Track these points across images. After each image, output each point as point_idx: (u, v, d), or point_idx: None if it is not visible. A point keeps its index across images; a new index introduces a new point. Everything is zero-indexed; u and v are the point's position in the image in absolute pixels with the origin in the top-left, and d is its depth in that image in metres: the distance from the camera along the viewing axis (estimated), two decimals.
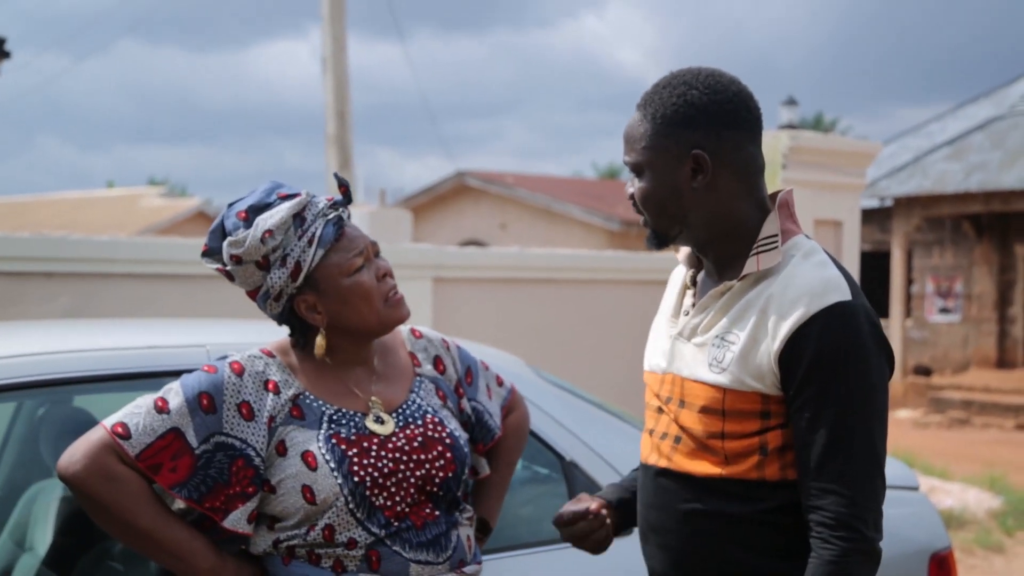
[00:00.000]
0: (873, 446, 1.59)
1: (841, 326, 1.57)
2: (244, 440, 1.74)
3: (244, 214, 1.80)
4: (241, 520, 1.73)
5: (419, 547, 1.77)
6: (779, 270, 1.64)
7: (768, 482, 1.64)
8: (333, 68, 9.56)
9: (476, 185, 18.57)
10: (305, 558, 1.75)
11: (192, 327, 2.77)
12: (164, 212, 20.41)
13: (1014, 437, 12.46)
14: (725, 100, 1.66)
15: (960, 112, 18.54)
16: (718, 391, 1.64)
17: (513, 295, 5.92)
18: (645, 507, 1.78)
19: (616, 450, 2.50)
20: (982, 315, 16.15)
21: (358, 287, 1.81)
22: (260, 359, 1.82)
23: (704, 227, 1.70)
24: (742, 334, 1.63)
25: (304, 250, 1.79)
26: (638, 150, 1.69)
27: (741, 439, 1.64)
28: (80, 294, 4.61)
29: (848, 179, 6.54)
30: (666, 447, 1.73)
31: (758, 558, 1.65)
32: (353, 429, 1.79)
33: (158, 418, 1.72)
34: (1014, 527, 7.23)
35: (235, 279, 1.83)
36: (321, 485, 1.72)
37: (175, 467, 1.71)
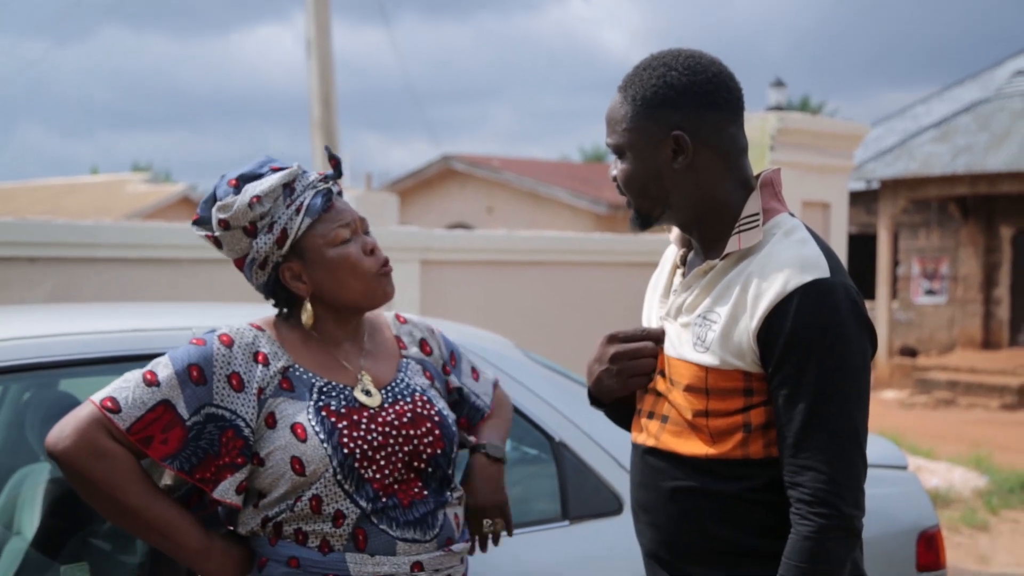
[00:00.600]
0: (852, 423, 1.59)
1: (818, 303, 1.58)
2: (234, 411, 1.74)
3: (235, 181, 1.82)
4: (230, 491, 1.74)
5: (406, 525, 1.77)
6: (760, 248, 1.66)
7: (753, 460, 1.65)
8: (318, 53, 9.50)
9: (462, 169, 18.53)
10: (292, 537, 1.75)
11: (177, 310, 2.75)
12: (149, 198, 20.30)
13: (999, 417, 12.55)
14: (704, 81, 1.67)
15: (946, 94, 18.58)
16: (701, 370, 1.66)
17: (501, 277, 5.91)
18: (635, 486, 1.80)
19: (605, 430, 2.49)
20: (968, 296, 16.23)
21: (344, 258, 1.82)
22: (249, 331, 1.82)
23: (686, 208, 1.71)
24: (723, 312, 1.64)
25: (291, 218, 1.80)
26: (619, 132, 1.71)
27: (725, 417, 1.65)
28: (64, 279, 4.58)
29: (836, 161, 6.55)
30: (654, 427, 1.74)
31: (745, 536, 1.66)
32: (343, 401, 1.79)
33: (148, 391, 1.72)
34: (999, 506, 7.29)
35: (223, 246, 1.84)
36: (310, 456, 1.72)
37: (166, 439, 1.71)
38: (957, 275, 16.41)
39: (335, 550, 1.74)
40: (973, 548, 6.43)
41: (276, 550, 1.75)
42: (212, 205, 1.85)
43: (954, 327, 16.42)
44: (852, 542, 1.59)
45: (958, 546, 6.42)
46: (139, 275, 4.83)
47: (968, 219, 16.22)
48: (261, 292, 1.88)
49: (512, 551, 2.23)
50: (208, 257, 5.17)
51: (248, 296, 4.91)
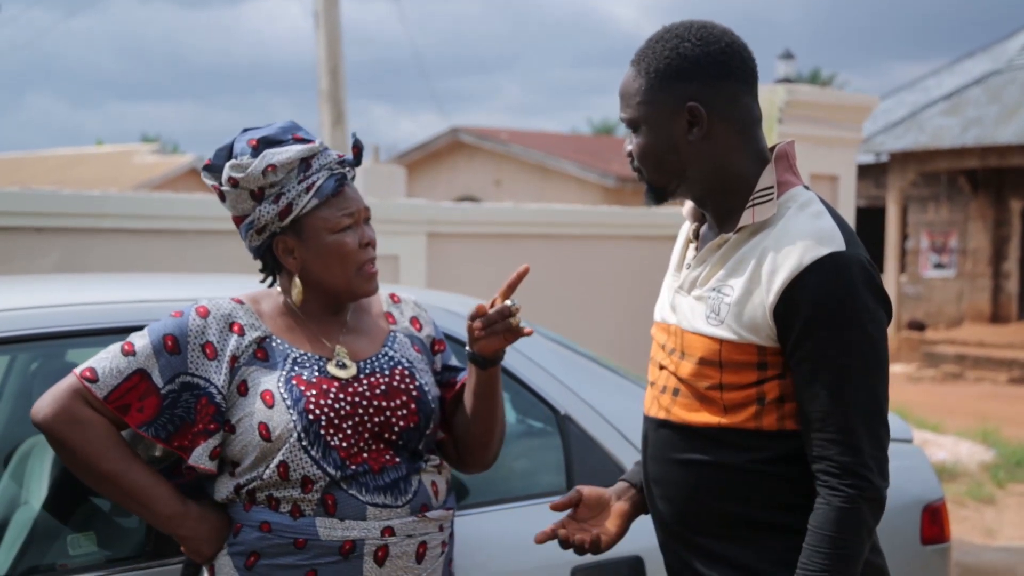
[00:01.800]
0: (875, 395, 1.60)
1: (835, 277, 1.57)
2: (207, 379, 1.79)
3: (255, 143, 1.83)
4: (203, 456, 1.79)
5: (376, 490, 1.80)
6: (774, 222, 1.65)
7: (765, 432, 1.65)
8: (325, 23, 9.45)
9: (470, 141, 18.47)
10: (265, 503, 1.79)
11: (183, 281, 2.75)
12: (157, 169, 20.30)
13: (1007, 391, 12.54)
14: (718, 51, 1.66)
15: (957, 67, 18.43)
16: (715, 343, 1.65)
17: (508, 250, 5.90)
18: (647, 459, 1.80)
19: (611, 404, 2.50)
20: (976, 270, 16.17)
21: (339, 246, 1.84)
22: (228, 303, 1.87)
23: (702, 181, 1.70)
24: (737, 286, 1.64)
25: (300, 195, 1.82)
26: (633, 106, 1.70)
27: (739, 390, 1.65)
28: (71, 249, 4.58)
29: (845, 133, 6.51)
30: (666, 399, 1.75)
31: (757, 509, 1.66)
32: (316, 371, 1.82)
33: (124, 360, 1.78)
34: (1005, 479, 7.30)
35: (226, 200, 1.86)
36: (276, 421, 1.76)
37: (142, 407, 1.77)
38: (966, 249, 16.35)
39: (305, 515, 1.77)
40: (979, 522, 6.45)
41: (249, 515, 1.80)
42: (226, 157, 1.86)
43: (963, 301, 16.38)
44: (879, 512, 1.60)
45: (964, 520, 6.43)
46: (146, 246, 4.83)
47: (978, 192, 16.14)
48: (251, 253, 1.90)
49: (517, 523, 2.24)
50: (214, 228, 5.16)
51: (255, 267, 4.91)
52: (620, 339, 6.15)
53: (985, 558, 5.74)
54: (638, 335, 6.88)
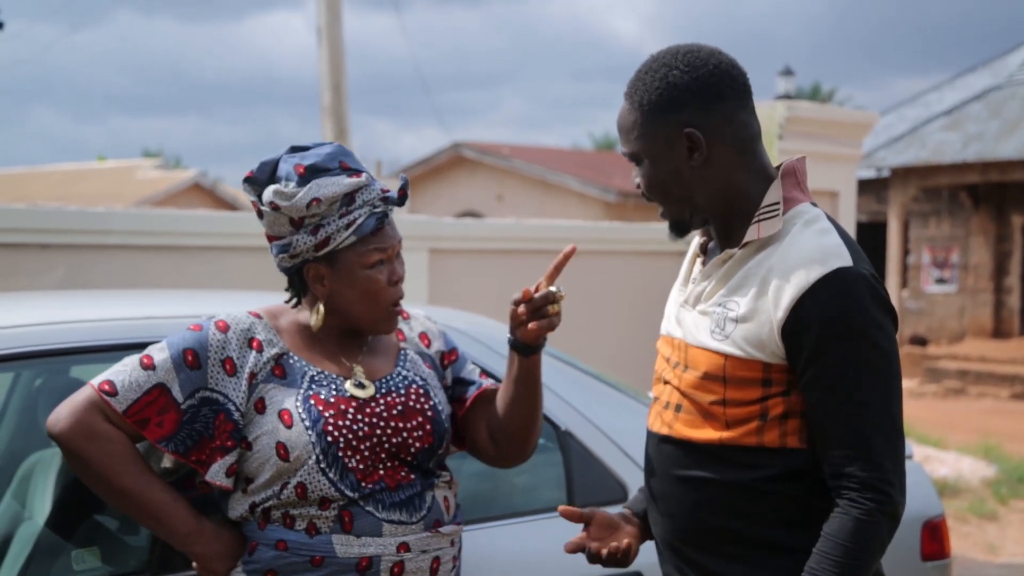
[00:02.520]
0: (891, 409, 1.60)
1: (843, 293, 1.57)
2: (225, 395, 1.79)
3: (303, 170, 1.81)
4: (220, 473, 1.78)
5: (392, 507, 1.80)
6: (780, 238, 1.65)
7: (767, 448, 1.64)
8: (328, 39, 9.49)
9: (472, 156, 18.51)
10: (280, 521, 1.78)
11: (188, 298, 2.77)
12: (160, 184, 20.34)
13: (1009, 406, 12.53)
14: (707, 75, 1.67)
15: (958, 82, 18.47)
16: (720, 357, 1.65)
17: (509, 266, 5.92)
18: (649, 474, 1.80)
19: (612, 420, 2.51)
20: (978, 285, 16.17)
21: (371, 283, 1.84)
22: (247, 318, 1.86)
23: (710, 204, 1.71)
24: (742, 302, 1.64)
25: (340, 231, 1.81)
26: (632, 140, 1.71)
27: (742, 406, 1.64)
28: (75, 265, 4.61)
29: (845, 149, 6.54)
30: (668, 415, 1.75)
31: (759, 528, 1.66)
32: (333, 391, 1.82)
33: (144, 374, 1.77)
34: (1008, 495, 7.28)
35: (263, 219, 1.85)
36: (295, 442, 1.75)
37: (161, 422, 1.76)
38: (968, 264, 16.35)
39: (322, 532, 1.77)
40: (981, 538, 6.43)
41: (264, 534, 1.78)
42: (270, 174, 1.85)
43: (964, 316, 16.37)
44: (895, 528, 1.60)
45: (966, 536, 6.42)
46: (150, 262, 4.85)
47: (979, 207, 16.15)
48: (280, 271, 1.89)
49: (517, 538, 2.25)
50: (218, 245, 5.19)
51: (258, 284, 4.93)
52: (621, 354, 6.16)
53: (987, 575, 5.73)
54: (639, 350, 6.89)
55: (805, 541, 1.61)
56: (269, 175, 1.85)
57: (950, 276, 16.58)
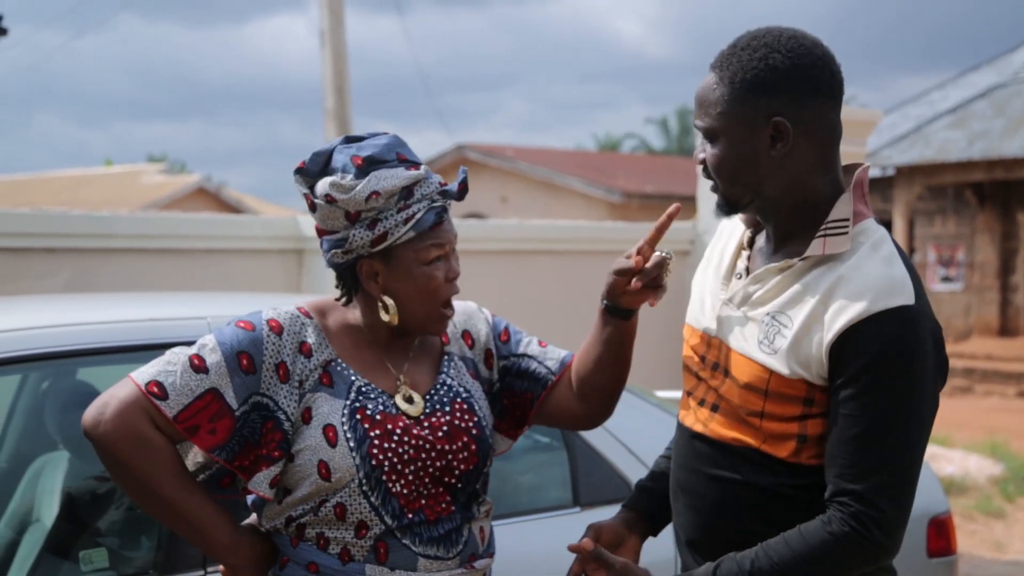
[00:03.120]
0: (909, 453, 1.55)
1: (902, 331, 1.52)
2: (276, 402, 1.68)
3: (361, 161, 1.71)
4: (264, 483, 1.68)
5: (429, 542, 1.72)
6: (845, 258, 1.58)
7: (803, 466, 1.61)
8: (331, 42, 9.50)
9: (476, 158, 18.53)
10: (314, 541, 1.70)
11: (193, 300, 2.78)
12: (164, 189, 20.40)
13: (1015, 404, 12.51)
14: (809, 65, 1.60)
15: (962, 80, 18.45)
16: (764, 371, 1.60)
17: (513, 267, 5.92)
18: (678, 467, 1.76)
19: (617, 418, 2.49)
20: (984, 283, 16.14)
21: (429, 280, 1.74)
22: (298, 319, 1.74)
23: (777, 198, 1.64)
24: (796, 319, 1.58)
25: (398, 226, 1.71)
26: (713, 115, 1.62)
27: (780, 421, 1.61)
28: (81, 269, 4.62)
29: (849, 148, 6.51)
30: (704, 413, 1.71)
31: (780, 531, 1.61)
32: (380, 407, 1.72)
33: (196, 377, 1.64)
34: (1015, 493, 7.27)
35: (315, 212, 1.74)
36: (338, 463, 1.66)
37: (214, 429, 1.65)
38: (973, 262, 16.33)
39: (355, 560, 1.69)
40: (988, 536, 6.43)
41: (297, 552, 1.70)
42: (323, 165, 1.74)
43: (970, 314, 16.34)
44: (867, 562, 1.56)
45: (973, 534, 6.41)
46: (155, 265, 4.87)
47: (984, 205, 16.12)
48: (330, 267, 1.79)
49: (523, 537, 2.25)
50: (222, 248, 5.20)
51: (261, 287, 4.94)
52: None
53: (994, 572, 5.72)
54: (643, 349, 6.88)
55: None
56: (322, 167, 1.74)
57: (956, 274, 16.55)
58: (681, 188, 16.02)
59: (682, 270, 7.15)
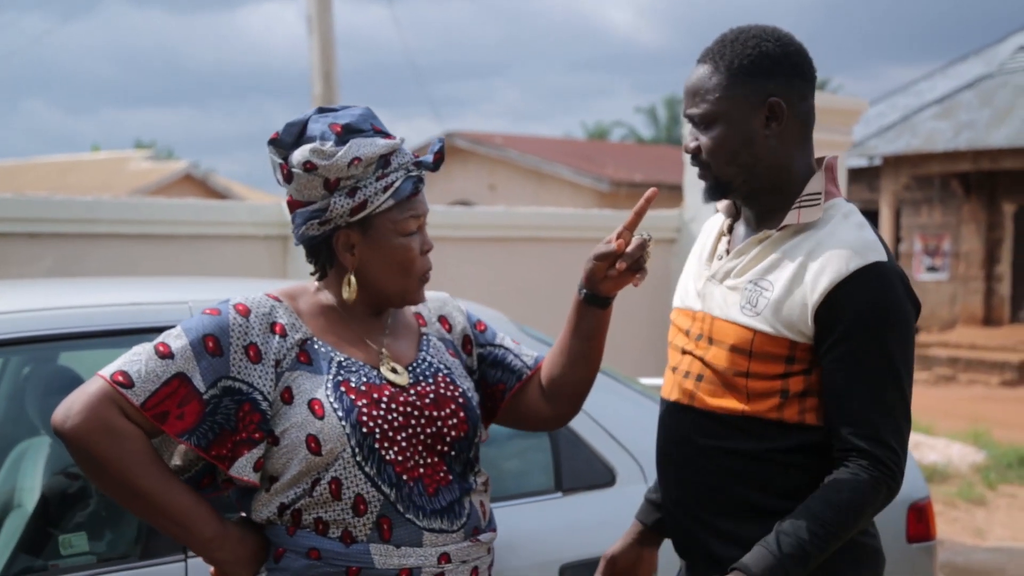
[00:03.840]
0: (905, 398, 1.69)
1: (879, 285, 1.66)
2: (251, 384, 1.65)
3: (340, 129, 1.70)
4: (247, 468, 1.64)
5: (433, 515, 1.69)
6: (819, 226, 1.72)
7: (786, 423, 1.72)
8: (318, 28, 9.46)
9: (465, 146, 18.50)
10: (312, 527, 1.66)
11: (175, 285, 2.78)
12: (152, 175, 20.32)
13: (998, 393, 12.59)
14: (795, 52, 1.76)
15: (949, 70, 18.49)
16: (748, 332, 1.71)
17: (500, 254, 5.93)
18: (665, 441, 1.85)
19: (601, 405, 2.52)
20: (969, 273, 16.22)
21: (405, 251, 1.74)
22: (266, 301, 1.73)
23: (766, 176, 1.76)
24: (777, 283, 1.71)
25: (377, 194, 1.70)
26: (711, 100, 1.73)
27: (764, 380, 1.71)
28: (64, 255, 4.61)
29: (834, 136, 6.54)
30: (689, 384, 1.79)
31: (769, 496, 1.73)
32: (364, 378, 1.70)
33: (161, 363, 1.62)
34: (996, 480, 7.33)
35: (291, 183, 1.72)
36: (327, 435, 1.63)
37: (182, 414, 1.62)
38: (959, 252, 16.40)
39: (358, 541, 1.65)
40: (970, 523, 6.48)
41: (295, 540, 1.66)
42: (298, 135, 1.72)
43: (956, 304, 16.42)
44: (889, 501, 1.69)
45: (955, 521, 6.46)
46: (139, 251, 4.85)
47: (970, 195, 16.18)
48: (301, 243, 1.77)
49: (506, 522, 2.26)
50: (208, 233, 5.19)
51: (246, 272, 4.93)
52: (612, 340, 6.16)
53: (975, 558, 5.77)
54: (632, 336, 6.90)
55: None
56: (296, 137, 1.72)
57: (941, 264, 16.62)
58: (669, 177, 16.03)
59: (668, 258, 7.16)
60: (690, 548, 1.83)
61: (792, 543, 1.63)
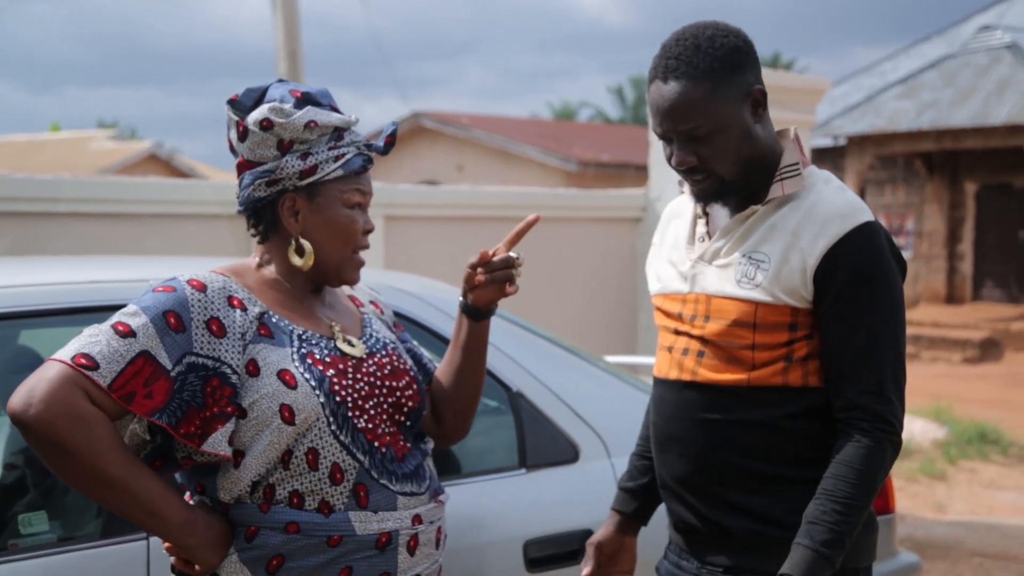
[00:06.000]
0: (900, 349, 1.75)
1: (869, 244, 1.72)
2: (217, 358, 1.63)
3: (300, 95, 1.75)
4: (222, 443, 1.61)
5: (404, 478, 1.73)
6: (803, 195, 1.77)
7: (791, 387, 1.76)
8: (283, 6, 9.36)
9: (432, 127, 18.42)
10: (286, 501, 1.65)
11: (135, 263, 2.75)
12: (115, 155, 20.06)
13: (960, 371, 12.77)
14: (746, 39, 1.79)
15: (913, 51, 18.63)
16: (750, 305, 1.75)
17: (465, 233, 5.92)
18: (665, 419, 1.87)
19: (565, 382, 2.53)
20: (932, 252, 16.41)
21: (348, 222, 1.77)
22: (218, 277, 1.72)
23: (758, 162, 1.79)
24: (772, 253, 1.75)
25: (328, 161, 1.74)
26: (704, 112, 1.73)
27: (770, 350, 1.75)
28: (23, 234, 4.55)
29: (798, 116, 6.58)
30: (690, 362, 1.82)
31: (775, 464, 1.77)
32: (326, 350, 1.72)
33: (124, 343, 1.58)
34: (957, 456, 7.45)
35: (245, 140, 1.73)
36: (302, 404, 1.64)
37: (150, 392, 1.58)
38: (922, 231, 16.57)
39: (336, 510, 1.66)
40: (931, 497, 6.58)
41: (269, 517, 1.64)
42: (257, 99, 1.76)
43: (919, 282, 16.61)
44: (896, 455, 1.75)
45: (916, 496, 6.56)
46: (101, 230, 4.80)
47: (933, 175, 16.35)
48: (244, 204, 1.76)
49: (471, 499, 2.27)
50: (172, 212, 5.14)
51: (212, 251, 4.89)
52: (581, 320, 6.19)
53: (936, 532, 5.87)
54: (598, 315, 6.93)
55: (817, 475, 1.73)
56: (255, 101, 1.75)
57: (905, 243, 16.80)
58: (636, 157, 16.05)
59: (633, 237, 7.19)
60: (695, 524, 1.83)
61: (824, 531, 1.67)
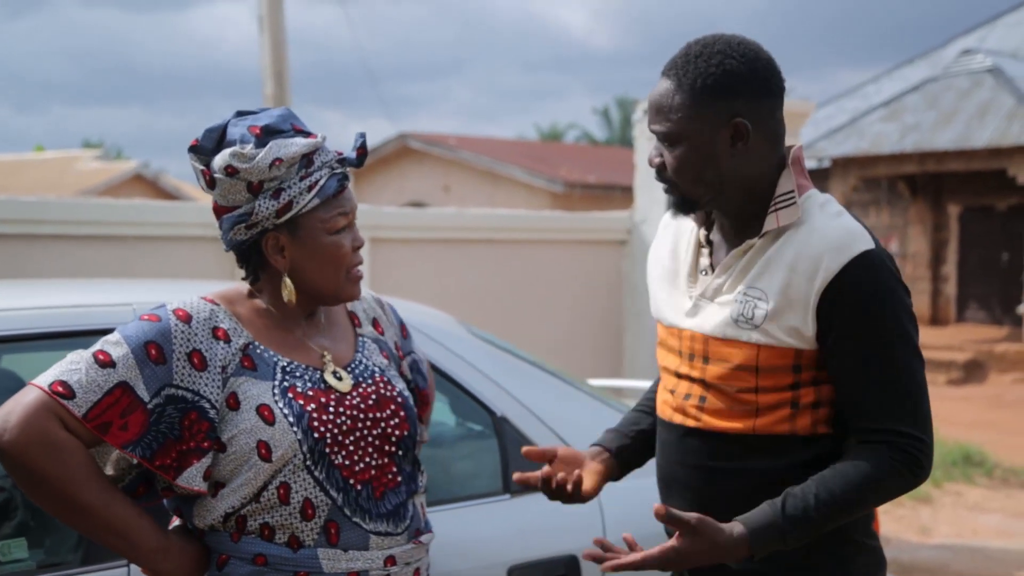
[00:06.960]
0: (918, 380, 1.66)
1: (873, 274, 1.63)
2: (197, 392, 1.63)
3: (259, 131, 1.69)
4: (196, 477, 1.62)
5: (379, 518, 1.71)
6: (799, 224, 1.69)
7: (799, 436, 1.69)
8: (270, 28, 9.38)
9: (418, 147, 18.46)
10: (257, 533, 1.65)
11: (119, 287, 2.74)
12: (100, 175, 20.02)
13: (945, 392, 12.80)
14: (761, 68, 1.69)
15: (896, 73, 18.78)
16: (752, 348, 1.67)
17: (451, 255, 5.92)
18: (670, 463, 1.81)
19: (549, 406, 2.53)
20: (916, 274, 16.48)
21: (335, 248, 1.73)
22: (207, 306, 1.70)
23: (737, 192, 1.72)
24: (770, 291, 1.66)
25: (302, 193, 1.69)
26: (674, 120, 1.69)
27: (774, 392, 1.68)
28: (7, 256, 4.53)
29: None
30: (692, 407, 1.75)
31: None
32: (309, 383, 1.70)
33: (102, 372, 1.58)
34: (942, 479, 7.45)
35: (215, 188, 1.70)
36: (279, 440, 1.63)
37: (125, 424, 1.58)
38: (906, 253, 16.66)
39: (305, 545, 1.65)
40: (915, 520, 6.58)
41: (239, 547, 1.64)
42: (218, 141, 1.70)
43: None
44: (909, 490, 1.68)
45: (901, 519, 6.56)
46: (85, 252, 4.78)
47: (917, 197, 16.45)
48: (231, 249, 1.75)
49: (454, 524, 2.26)
50: (157, 235, 5.13)
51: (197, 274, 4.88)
52: (566, 342, 6.19)
53: (921, 555, 5.87)
54: (583, 337, 6.93)
55: None
56: (216, 142, 1.70)
57: None
58: (622, 178, 16.10)
59: (619, 260, 7.21)
60: (702, 568, 1.72)
61: (796, 505, 1.61)
